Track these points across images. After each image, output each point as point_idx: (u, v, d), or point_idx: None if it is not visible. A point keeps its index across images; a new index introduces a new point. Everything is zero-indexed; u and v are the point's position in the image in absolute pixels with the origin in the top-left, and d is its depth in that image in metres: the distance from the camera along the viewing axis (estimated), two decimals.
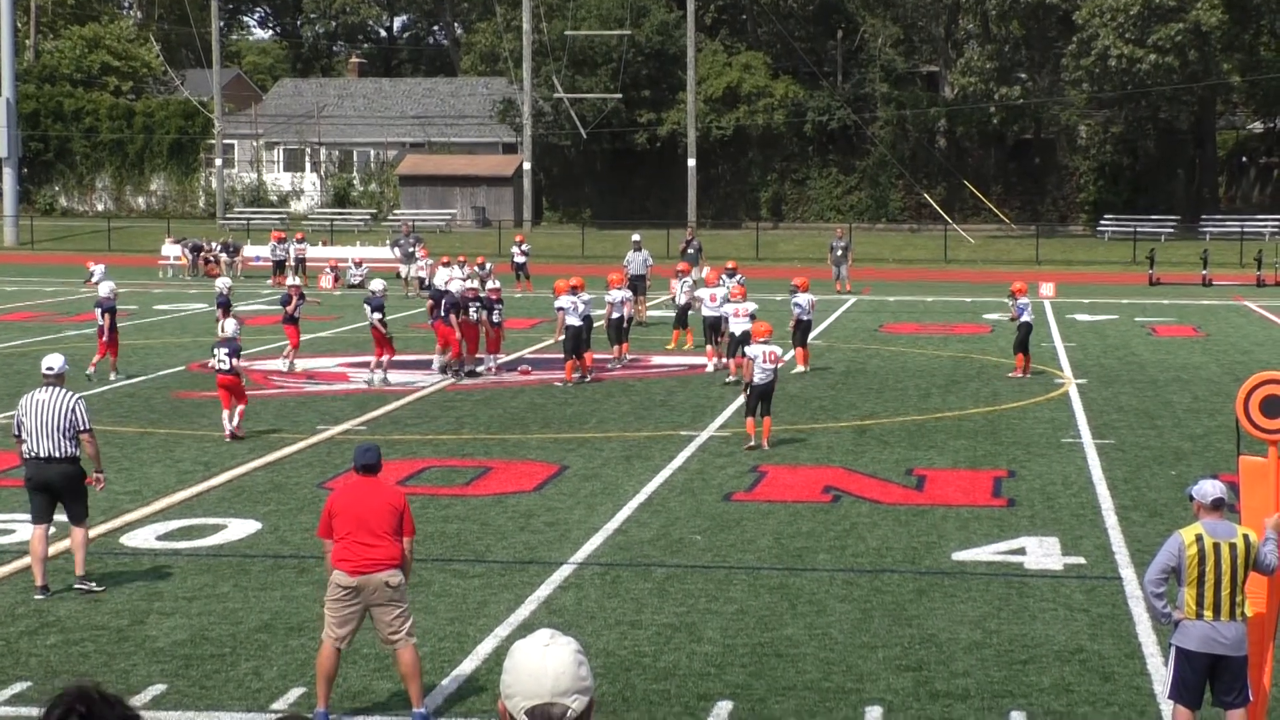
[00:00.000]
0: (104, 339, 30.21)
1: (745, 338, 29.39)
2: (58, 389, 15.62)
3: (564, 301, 30.37)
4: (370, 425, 25.35)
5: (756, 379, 23.06)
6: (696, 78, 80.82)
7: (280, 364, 32.22)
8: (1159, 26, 70.90)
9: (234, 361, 23.81)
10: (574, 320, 30.08)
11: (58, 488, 15.48)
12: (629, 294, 33.45)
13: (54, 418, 15.42)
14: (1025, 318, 30.91)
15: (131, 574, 16.08)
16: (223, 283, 35.37)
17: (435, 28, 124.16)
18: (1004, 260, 69.12)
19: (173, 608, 14.92)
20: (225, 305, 33.73)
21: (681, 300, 36.23)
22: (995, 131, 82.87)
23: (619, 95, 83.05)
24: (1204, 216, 76.87)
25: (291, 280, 35.27)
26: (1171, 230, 75.28)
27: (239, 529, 18.06)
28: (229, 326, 25.22)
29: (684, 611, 14.78)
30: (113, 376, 30.36)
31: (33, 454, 15.47)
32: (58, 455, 15.41)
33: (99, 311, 30.22)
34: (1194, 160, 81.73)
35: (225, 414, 23.97)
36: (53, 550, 15.91)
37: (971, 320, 43.52)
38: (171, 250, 61.61)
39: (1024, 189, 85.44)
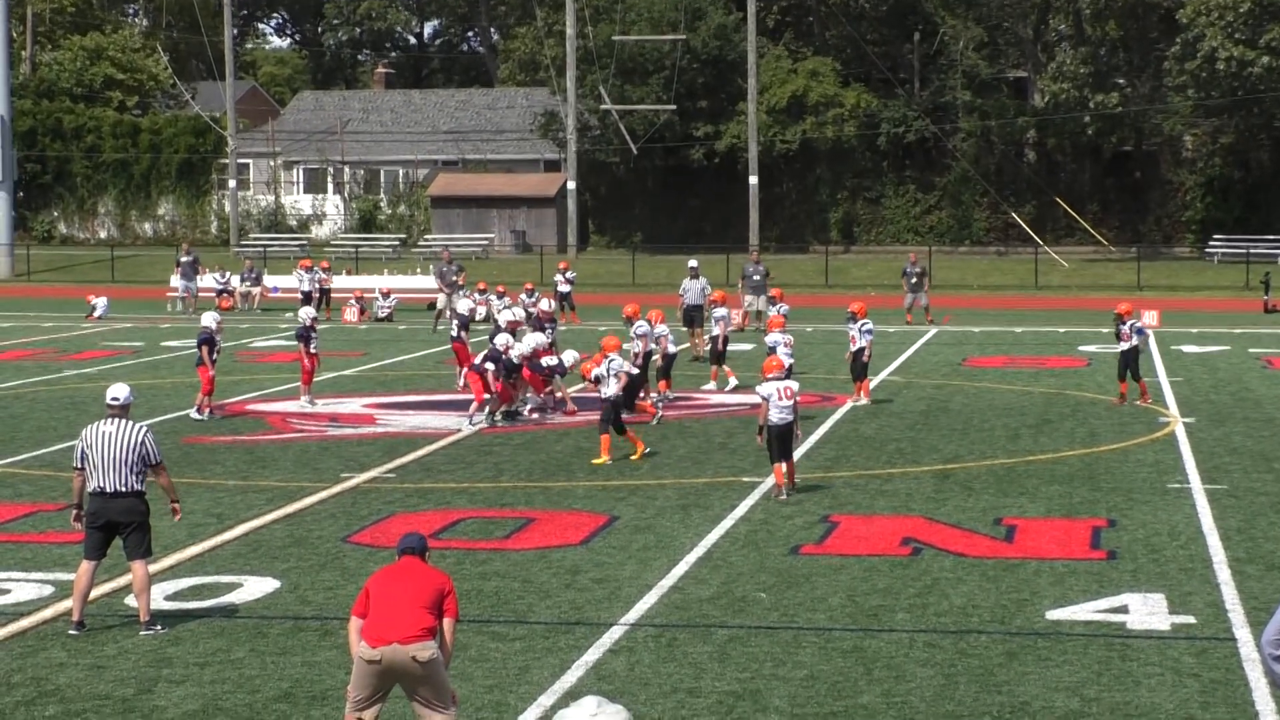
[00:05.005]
0: (210, 372, 30.79)
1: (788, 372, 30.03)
2: (123, 421, 16.51)
3: (644, 325, 32.24)
4: (399, 472, 25.40)
5: (773, 419, 22.88)
6: (758, 86, 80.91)
7: (302, 403, 32.44)
8: (1272, 25, 70.65)
9: (463, 333, 34.14)
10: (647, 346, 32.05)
11: (119, 522, 16.32)
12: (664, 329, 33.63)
13: (121, 451, 16.29)
14: (1136, 340, 32.03)
15: (138, 637, 16.15)
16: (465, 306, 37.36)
17: (469, 34, 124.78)
18: (1101, 286, 68.86)
19: (183, 675, 14.97)
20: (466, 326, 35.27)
21: (716, 331, 35.76)
22: (1090, 143, 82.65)
23: (672, 106, 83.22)
24: None
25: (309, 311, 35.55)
26: None
27: (255, 588, 18.11)
28: (463, 305, 35.71)
29: (748, 677, 14.74)
30: (193, 414, 30.89)
31: (96, 488, 16.27)
32: (123, 489, 16.28)
33: (199, 344, 31.04)
34: None
35: (458, 369, 33.64)
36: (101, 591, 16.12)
37: (1066, 353, 43.35)
38: (180, 282, 61.92)
39: (1123, 207, 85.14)
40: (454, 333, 35.07)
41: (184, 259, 60.09)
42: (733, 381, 35.15)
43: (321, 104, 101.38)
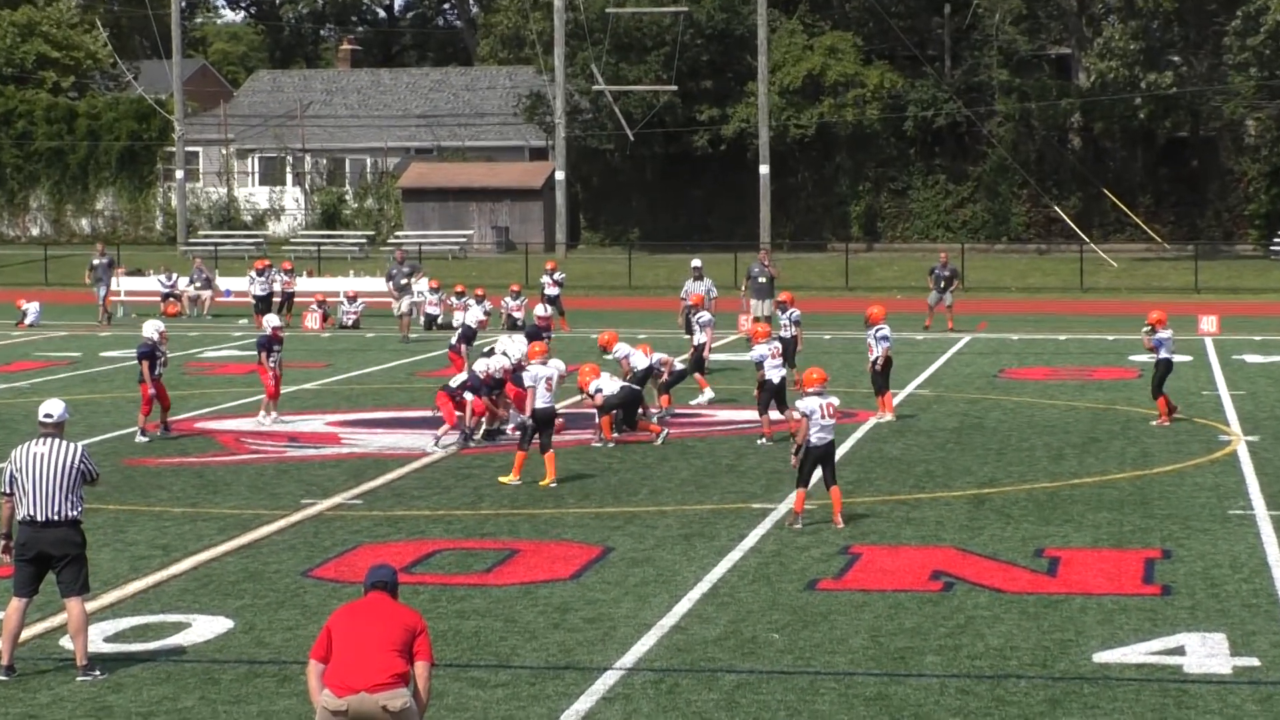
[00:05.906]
0: (150, 390, 30.68)
1: (779, 388, 30.11)
2: (56, 440, 16.40)
3: (624, 348, 32.06)
4: (367, 498, 25.38)
5: (813, 439, 22.83)
6: (769, 64, 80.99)
7: (259, 420, 32.44)
8: None
9: (463, 345, 35.73)
10: (641, 363, 31.68)
11: (52, 555, 16.20)
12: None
13: (55, 474, 16.19)
14: (1164, 354, 32.22)
15: (74, 684, 16.13)
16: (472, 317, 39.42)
17: (445, 6, 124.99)
18: (1154, 288, 68.89)
19: None
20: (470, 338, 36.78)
21: (701, 338, 36.53)
22: (1142, 128, 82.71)
23: (674, 87, 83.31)
24: None
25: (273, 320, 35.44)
26: None
27: (206, 628, 18.09)
28: (471, 316, 37.38)
29: None
30: (139, 437, 30.72)
31: (26, 517, 16.16)
32: (55, 518, 16.14)
33: (138, 358, 30.95)
34: None
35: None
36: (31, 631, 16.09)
37: (1115, 363, 43.37)
38: (123, 284, 61.89)
39: (1178, 199, 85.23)
40: (452, 341, 35.25)
41: (97, 261, 59.28)
42: (705, 395, 35.38)
43: (279, 85, 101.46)
